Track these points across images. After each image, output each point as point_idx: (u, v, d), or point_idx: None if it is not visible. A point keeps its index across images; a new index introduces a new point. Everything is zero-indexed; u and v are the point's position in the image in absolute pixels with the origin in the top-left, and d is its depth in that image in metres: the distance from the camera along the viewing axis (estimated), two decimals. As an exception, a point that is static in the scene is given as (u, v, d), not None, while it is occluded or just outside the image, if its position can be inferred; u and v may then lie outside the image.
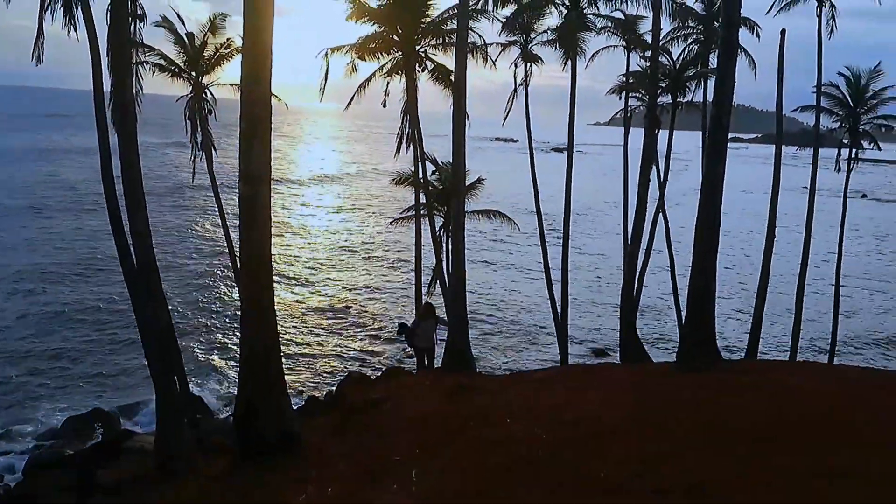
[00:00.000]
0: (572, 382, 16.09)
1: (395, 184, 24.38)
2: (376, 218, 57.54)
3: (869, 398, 12.22)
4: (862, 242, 58.36)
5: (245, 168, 12.65)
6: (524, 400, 14.37)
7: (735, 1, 16.26)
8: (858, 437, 9.58)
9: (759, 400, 11.80)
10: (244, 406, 12.39)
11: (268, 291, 12.64)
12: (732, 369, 16.29)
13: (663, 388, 13.88)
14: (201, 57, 21.58)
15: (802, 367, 20.20)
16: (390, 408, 16.32)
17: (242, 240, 12.56)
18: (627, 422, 11.32)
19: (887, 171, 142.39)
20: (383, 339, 29.83)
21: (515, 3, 23.40)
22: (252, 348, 12.50)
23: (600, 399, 13.51)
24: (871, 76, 30.15)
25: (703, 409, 11.51)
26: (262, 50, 12.57)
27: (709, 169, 16.48)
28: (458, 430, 12.66)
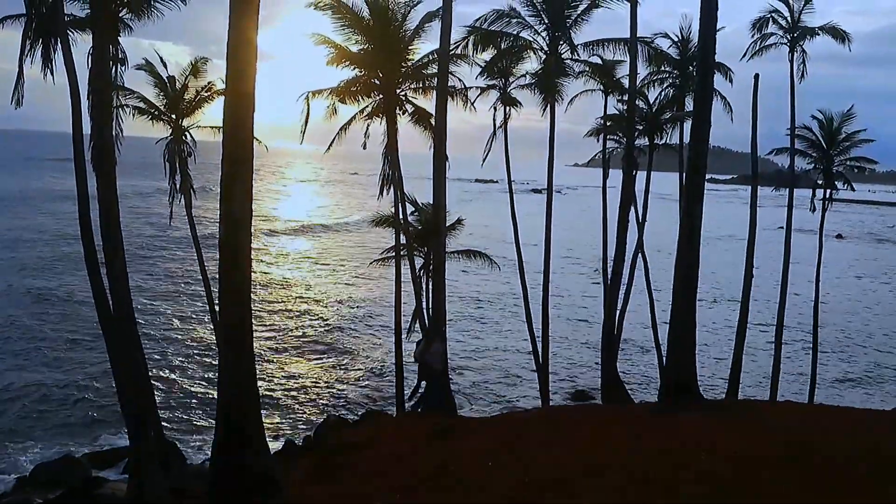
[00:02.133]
0: (553, 425, 16.01)
1: (374, 225, 24.40)
2: (354, 260, 57.21)
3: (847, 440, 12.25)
4: (837, 281, 58.93)
5: (226, 210, 12.72)
6: (504, 443, 14.28)
7: (710, 47, 16.67)
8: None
9: (739, 442, 11.80)
10: (221, 446, 12.24)
11: (247, 332, 12.64)
12: (712, 410, 16.31)
13: (643, 432, 13.85)
14: (182, 100, 21.66)
15: (782, 407, 20.24)
16: (370, 451, 16.16)
17: (223, 281, 12.55)
18: (607, 467, 11.26)
19: (861, 211, 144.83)
20: (361, 381, 29.52)
21: (494, 48, 23.73)
22: (230, 388, 12.43)
23: (580, 443, 13.45)
24: (843, 119, 30.84)
25: (681, 453, 11.48)
26: (245, 94, 12.71)
27: (686, 211, 16.71)
28: (438, 473, 12.54)
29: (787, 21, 29.00)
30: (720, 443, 11.64)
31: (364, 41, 21.39)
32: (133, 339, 16.19)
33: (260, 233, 65.12)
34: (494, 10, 23.60)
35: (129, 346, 15.78)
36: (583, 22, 23.99)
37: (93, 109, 14.80)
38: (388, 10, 21.20)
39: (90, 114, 14.89)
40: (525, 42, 23.80)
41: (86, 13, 17.06)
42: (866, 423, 14.29)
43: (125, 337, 15.62)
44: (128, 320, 15.82)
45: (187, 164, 21.85)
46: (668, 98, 28.87)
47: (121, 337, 15.44)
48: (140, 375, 16.57)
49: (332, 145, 22.65)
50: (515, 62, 24.38)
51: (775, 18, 29.12)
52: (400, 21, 21.53)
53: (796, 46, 29.16)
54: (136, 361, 16.38)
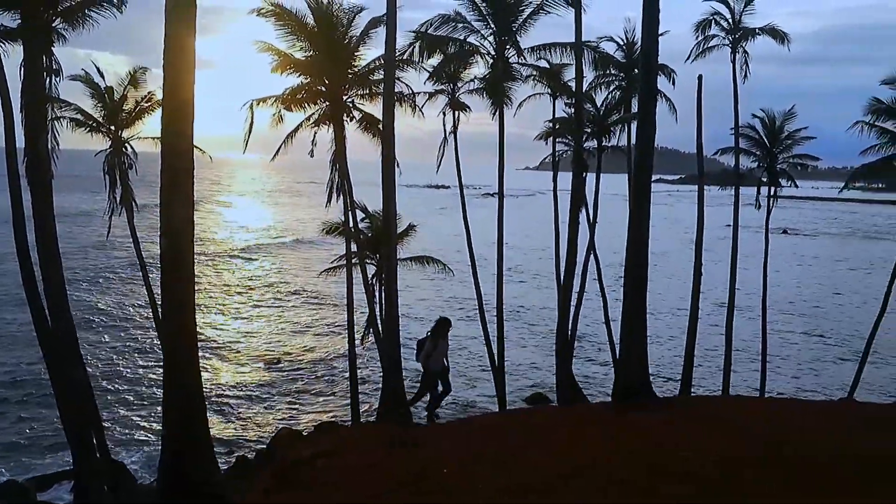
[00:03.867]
0: (511, 429, 15.96)
1: (324, 233, 24.14)
2: (305, 270, 56.45)
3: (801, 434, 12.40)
4: (784, 274, 60.27)
5: (167, 222, 12.51)
6: (463, 450, 14.16)
7: (652, 49, 16.81)
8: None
9: (719, 441, 11.86)
10: (168, 463, 12.01)
11: (192, 345, 12.45)
12: (666, 407, 16.44)
13: (598, 432, 13.87)
14: (121, 111, 21.17)
15: (733, 402, 20.50)
16: (325, 464, 15.89)
17: (165, 293, 12.32)
18: (586, 468, 11.23)
19: (806, 207, 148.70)
20: (315, 392, 29.09)
21: (442, 52, 23.68)
22: (176, 400, 12.21)
23: (556, 445, 13.41)
24: (785, 118, 31.58)
25: (657, 453, 11.49)
26: (184, 103, 12.50)
27: (634, 210, 16.81)
28: (398, 484, 12.39)
29: (729, 23, 29.59)
30: (699, 442, 11.67)
31: (309, 48, 21.15)
32: (74, 355, 15.68)
33: (206, 245, 63.88)
34: (440, 14, 23.57)
35: (70, 363, 15.29)
36: (529, 26, 24.06)
37: (26, 122, 14.34)
38: (332, 16, 21.00)
39: (24, 127, 14.43)
40: (472, 47, 23.78)
41: (17, 23, 16.52)
42: (841, 419, 14.44)
43: (65, 353, 15.14)
44: (68, 336, 15.33)
45: (128, 177, 21.36)
46: (615, 100, 29.22)
47: (60, 353, 14.96)
48: (83, 393, 16.07)
49: (279, 154, 22.36)
50: (463, 67, 24.39)
51: (717, 20, 29.70)
52: (345, 27, 21.34)
53: (738, 47, 29.78)
54: (78, 379, 15.86)
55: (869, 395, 27.65)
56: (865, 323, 28.29)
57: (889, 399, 26.12)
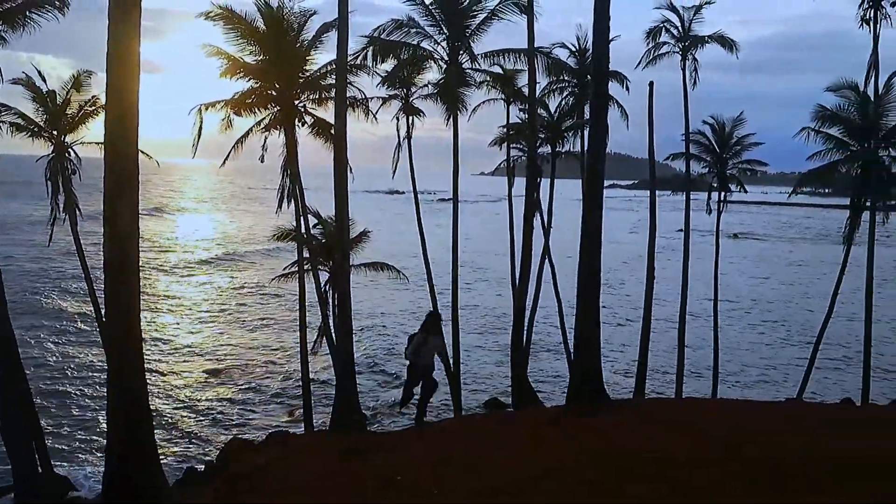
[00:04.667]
0: (465, 435, 15.87)
1: (275, 240, 23.82)
2: (257, 278, 55.49)
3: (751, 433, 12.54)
4: (735, 277, 61.34)
5: (111, 229, 12.33)
6: (418, 457, 14.05)
7: (603, 56, 16.91)
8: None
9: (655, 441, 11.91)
10: (113, 475, 11.78)
11: (137, 353, 12.26)
12: (619, 410, 16.52)
13: (558, 434, 13.87)
14: (64, 115, 20.59)
15: (685, 404, 20.71)
16: (277, 474, 15.64)
17: (110, 299, 12.13)
18: (535, 472, 11.20)
19: (755, 211, 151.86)
20: (267, 402, 28.59)
21: (395, 58, 23.58)
22: (122, 404, 12.04)
23: (521, 448, 13.36)
24: (734, 124, 32.19)
25: (605, 454, 11.51)
26: (128, 107, 12.30)
27: (586, 216, 16.87)
28: (351, 493, 12.23)
29: (679, 30, 30.03)
30: (662, 444, 11.69)
31: (259, 52, 20.90)
32: (15, 366, 15.16)
33: (153, 255, 62.41)
34: (393, 20, 23.49)
35: (10, 375, 14.79)
36: (482, 32, 24.13)
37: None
38: (283, 20, 20.78)
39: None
40: (426, 52, 23.76)
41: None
42: (803, 421, 14.62)
43: (6, 365, 14.64)
44: (9, 345, 14.82)
45: (71, 183, 20.77)
46: (568, 106, 29.46)
47: (1, 365, 14.46)
48: (23, 404, 15.55)
49: (229, 159, 22.02)
50: (417, 72, 24.35)
51: (667, 28, 30.13)
52: (296, 32, 21.15)
53: (688, 55, 30.24)
54: (20, 390, 15.35)
55: (813, 396, 28.22)
56: (818, 325, 28.89)
57: (832, 400, 26.68)
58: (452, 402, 25.34)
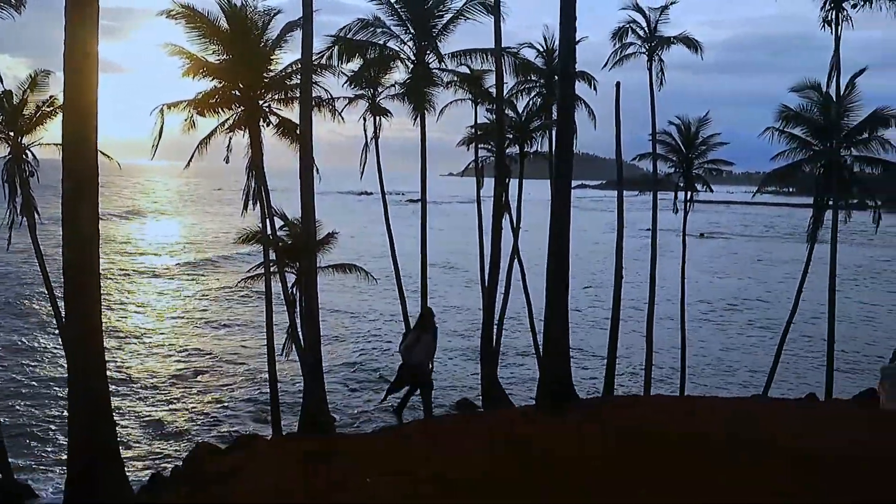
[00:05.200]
0: (434, 436, 15.85)
1: (240, 242, 23.51)
2: (223, 279, 54.68)
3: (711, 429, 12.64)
4: (702, 276, 61.96)
5: (71, 232, 12.22)
6: (386, 459, 13.98)
7: (569, 57, 16.97)
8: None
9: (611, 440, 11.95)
10: (76, 483, 11.62)
11: (98, 357, 12.23)
12: (587, 409, 16.62)
13: (521, 435, 13.89)
14: (20, 116, 20.12)
15: (653, 402, 20.87)
16: (245, 478, 15.48)
17: (70, 307, 12.05)
18: (488, 474, 11.18)
19: (722, 211, 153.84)
20: (235, 406, 28.08)
21: (361, 57, 23.41)
22: (84, 405, 11.96)
23: (461, 452, 13.34)
24: (699, 124, 32.48)
25: (559, 456, 11.53)
26: (87, 107, 12.15)
27: (554, 215, 16.90)
28: (318, 495, 12.16)
29: (645, 31, 30.21)
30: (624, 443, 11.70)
31: (222, 51, 20.59)
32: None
33: (115, 260, 61.18)
34: (359, 19, 23.32)
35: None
36: (449, 32, 24.05)
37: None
38: (246, 19, 20.50)
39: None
40: (392, 52, 23.62)
41: None
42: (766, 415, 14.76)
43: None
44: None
45: (29, 185, 20.31)
46: (536, 106, 29.48)
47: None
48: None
49: (192, 160, 21.70)
50: (383, 72, 24.21)
51: (634, 29, 30.31)
52: (260, 31, 20.88)
53: (654, 55, 30.45)
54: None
55: (779, 393, 28.51)
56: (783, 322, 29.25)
57: (797, 396, 27.01)
58: (423, 402, 25.19)
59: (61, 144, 12.58)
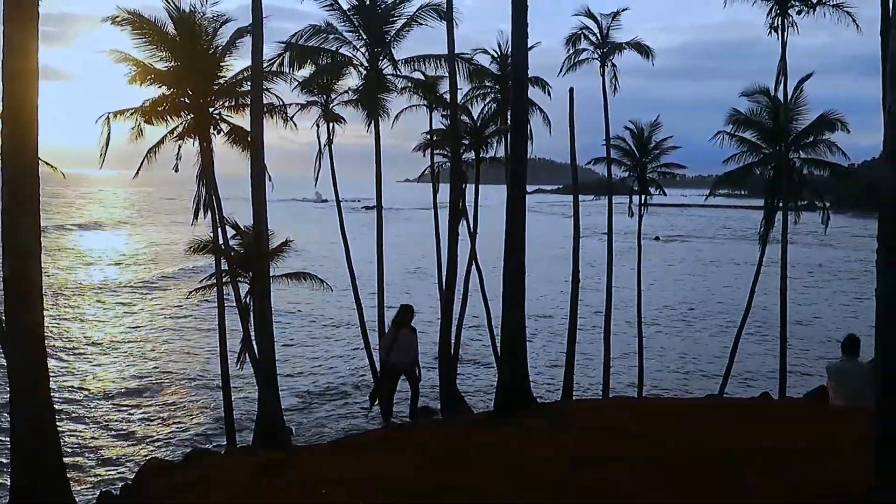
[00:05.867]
0: (390, 445, 15.66)
1: (191, 252, 23.09)
2: (176, 291, 53.35)
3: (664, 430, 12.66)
4: (658, 280, 62.65)
5: (12, 244, 11.74)
6: (344, 469, 13.77)
7: (522, 62, 16.96)
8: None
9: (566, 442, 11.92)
10: (19, 492, 11.20)
11: (42, 378, 11.62)
12: (546, 412, 16.57)
13: (479, 441, 13.78)
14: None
15: (611, 404, 20.92)
16: (196, 494, 15.12)
17: (11, 323, 11.55)
18: (445, 481, 11.06)
19: (674, 214, 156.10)
20: (187, 420, 27.35)
21: (314, 63, 23.21)
22: (26, 421, 11.37)
23: (419, 461, 13.20)
24: (652, 129, 32.96)
25: (517, 459, 11.45)
26: (27, 116, 11.71)
27: (510, 221, 16.86)
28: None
29: (597, 37, 30.60)
30: (578, 446, 11.66)
31: (170, 58, 20.26)
32: None
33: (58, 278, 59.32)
34: (311, 25, 23.17)
35: None
36: (402, 38, 24.01)
37: None
38: (195, 25, 20.21)
39: None
40: (345, 58, 23.47)
41: None
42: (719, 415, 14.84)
43: None
44: None
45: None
46: (491, 112, 29.56)
47: None
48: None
49: (141, 169, 21.28)
50: (336, 78, 24.05)
51: (586, 35, 30.66)
52: (210, 37, 20.61)
53: (607, 61, 30.83)
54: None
55: (734, 392, 28.90)
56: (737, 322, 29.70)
57: (751, 394, 27.42)
58: (381, 411, 24.97)
59: (0, 155, 12.10)
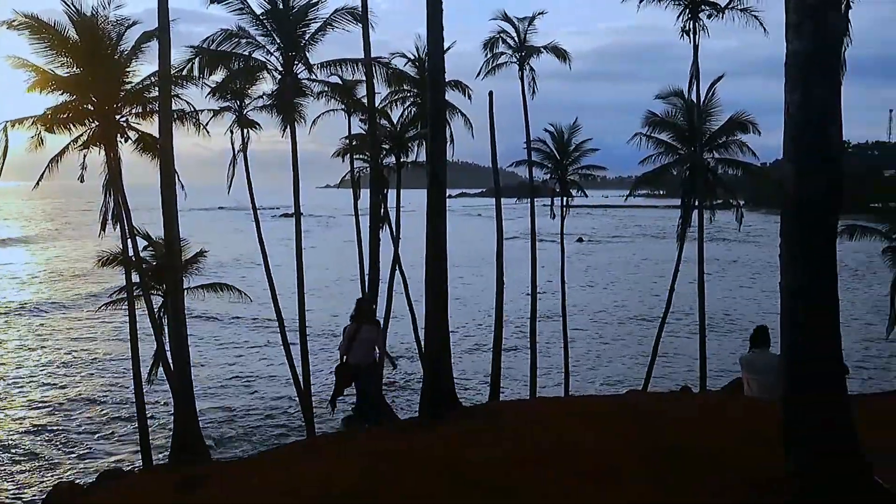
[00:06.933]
0: (313, 456, 15.34)
1: (100, 265, 22.12)
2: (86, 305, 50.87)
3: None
4: (582, 280, 63.56)
5: None
6: (261, 483, 13.39)
7: (439, 65, 16.82)
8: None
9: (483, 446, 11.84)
10: None
11: None
12: (470, 416, 16.47)
13: (404, 448, 13.59)
14: None
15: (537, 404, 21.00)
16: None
17: None
18: (370, 491, 10.83)
19: (597, 215, 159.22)
20: (99, 439, 25.97)
21: (225, 68, 22.55)
22: None
23: (341, 470, 12.94)
24: (571, 131, 33.43)
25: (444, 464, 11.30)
26: None
27: (430, 225, 16.71)
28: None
29: (515, 41, 30.84)
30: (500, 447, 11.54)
31: (73, 64, 19.35)
32: None
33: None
34: (223, 29, 22.39)
35: None
36: (318, 42, 23.52)
37: None
38: (98, 30, 19.37)
39: None
40: (259, 63, 22.87)
41: None
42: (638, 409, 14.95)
43: None
44: None
45: None
46: (411, 116, 29.44)
47: None
48: None
49: (42, 180, 20.27)
50: (250, 83, 23.45)
51: (504, 38, 30.86)
52: (114, 42, 19.78)
53: (525, 65, 31.10)
54: None
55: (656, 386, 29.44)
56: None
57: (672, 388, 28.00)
58: (305, 420, 24.50)
59: None
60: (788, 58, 6.30)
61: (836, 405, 6.44)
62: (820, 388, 6.45)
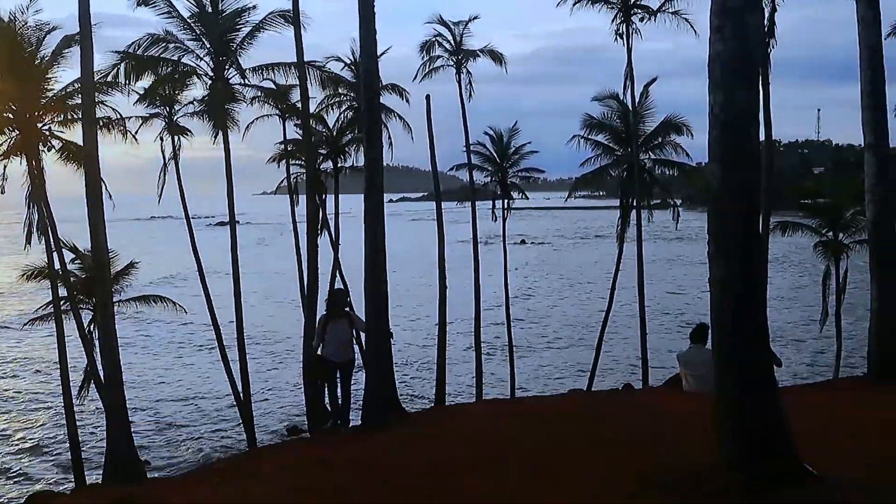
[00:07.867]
0: (253, 469, 14.99)
1: (24, 279, 21.23)
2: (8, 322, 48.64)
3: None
4: (524, 282, 63.84)
5: None
6: (197, 500, 13.02)
7: (372, 68, 16.65)
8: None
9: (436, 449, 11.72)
10: None
11: None
12: (415, 420, 16.35)
13: (346, 457, 13.38)
14: None
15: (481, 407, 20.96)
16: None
17: None
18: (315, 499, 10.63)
19: (539, 216, 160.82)
20: (26, 461, 24.72)
21: (153, 74, 21.94)
22: None
23: (278, 485, 12.65)
24: (510, 134, 33.67)
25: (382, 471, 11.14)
26: None
27: (368, 230, 16.50)
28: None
29: (451, 44, 30.87)
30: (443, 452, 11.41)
31: (-11, 69, 18.58)
32: None
33: None
34: (150, 34, 21.81)
35: None
36: (249, 46, 23.09)
37: None
38: (15, 34, 18.64)
39: None
40: (188, 68, 22.33)
41: None
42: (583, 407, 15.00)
43: None
44: None
45: None
46: (347, 120, 29.15)
47: None
48: None
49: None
50: (179, 89, 22.88)
51: (440, 42, 30.87)
52: (34, 47, 19.06)
53: (462, 68, 31.17)
54: None
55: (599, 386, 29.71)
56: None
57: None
58: (245, 433, 23.95)
59: None
60: (711, 60, 6.40)
61: (765, 395, 6.54)
62: (749, 379, 6.55)
